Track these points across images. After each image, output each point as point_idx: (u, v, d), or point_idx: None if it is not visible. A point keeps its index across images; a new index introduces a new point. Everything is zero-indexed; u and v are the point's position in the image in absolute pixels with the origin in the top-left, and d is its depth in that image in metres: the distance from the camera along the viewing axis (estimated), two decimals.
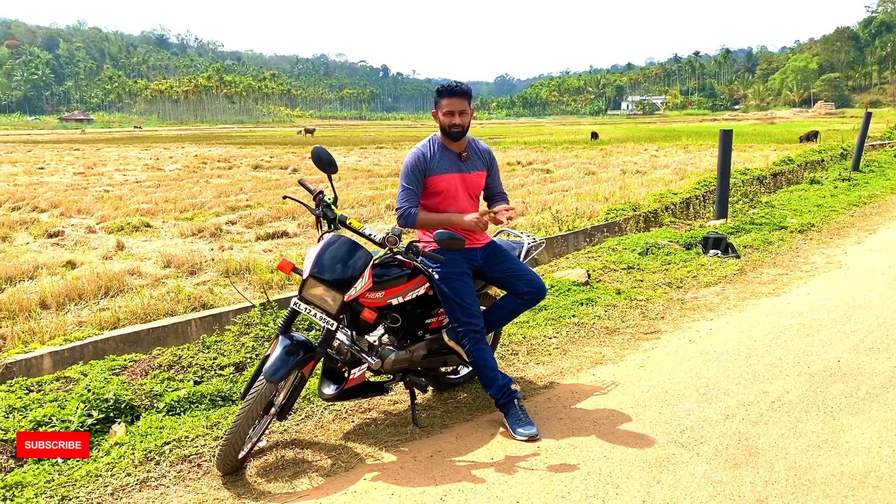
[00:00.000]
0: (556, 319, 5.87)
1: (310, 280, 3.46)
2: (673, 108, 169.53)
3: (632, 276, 7.44)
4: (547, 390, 4.46)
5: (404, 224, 3.98)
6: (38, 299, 7.49)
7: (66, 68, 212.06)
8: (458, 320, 3.91)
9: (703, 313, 6.11)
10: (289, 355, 3.36)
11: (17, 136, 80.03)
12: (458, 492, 3.24)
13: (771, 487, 3.18)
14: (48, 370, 5.05)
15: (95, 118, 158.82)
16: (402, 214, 3.96)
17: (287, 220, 13.45)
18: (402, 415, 4.14)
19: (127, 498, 3.26)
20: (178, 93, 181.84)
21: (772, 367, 4.70)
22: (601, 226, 10.35)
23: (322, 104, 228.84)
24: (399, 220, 3.99)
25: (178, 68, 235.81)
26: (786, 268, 7.74)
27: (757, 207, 11.98)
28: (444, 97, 3.94)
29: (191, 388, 4.41)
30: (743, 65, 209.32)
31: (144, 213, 14.37)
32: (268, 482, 3.39)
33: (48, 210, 14.99)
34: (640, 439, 3.72)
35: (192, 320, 6.05)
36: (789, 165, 17.53)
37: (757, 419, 3.91)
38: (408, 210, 3.95)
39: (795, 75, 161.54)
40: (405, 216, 3.95)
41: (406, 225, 3.98)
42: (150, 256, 10.15)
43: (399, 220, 3.99)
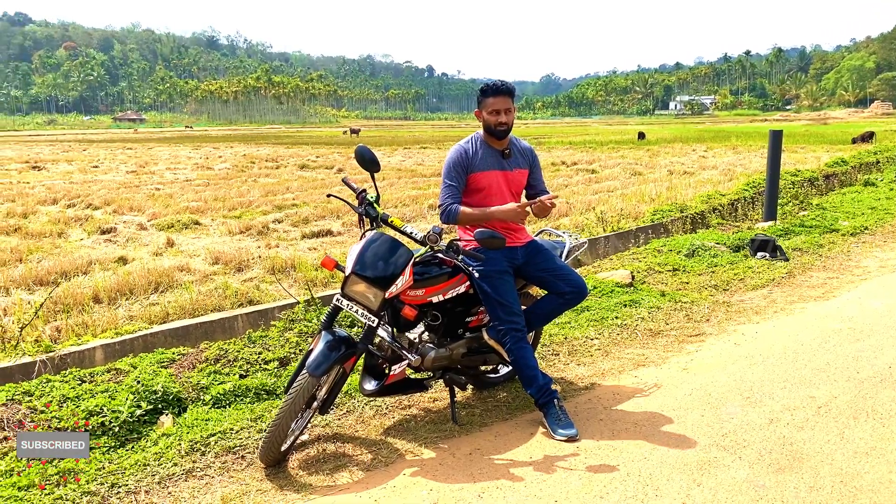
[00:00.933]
0: (598, 321, 5.84)
1: (352, 277, 3.51)
2: (722, 108, 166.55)
3: (677, 278, 7.34)
4: (587, 391, 4.44)
5: (446, 220, 4.01)
6: (90, 294, 7.70)
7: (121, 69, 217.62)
8: (499, 319, 3.92)
9: (749, 316, 6.00)
10: (331, 350, 3.41)
11: (73, 135, 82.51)
12: (496, 489, 3.25)
13: (815, 494, 3.12)
14: (100, 362, 5.19)
15: (147, 118, 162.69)
16: (445, 210, 3.99)
17: (332, 218, 13.59)
18: (441, 412, 4.17)
19: (173, 487, 3.35)
20: (227, 93, 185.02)
21: (819, 372, 4.60)
22: (646, 227, 10.22)
23: (367, 105, 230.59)
24: (441, 216, 4.03)
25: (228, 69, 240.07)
26: (836, 271, 7.56)
27: (807, 209, 11.71)
28: (489, 96, 3.97)
29: (236, 381, 4.50)
30: (795, 64, 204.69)
31: (194, 210, 14.66)
32: (309, 475, 3.44)
33: (101, 207, 15.39)
34: (681, 442, 3.68)
35: (238, 315, 6.14)
36: (843, 167, 17.08)
37: (802, 424, 3.83)
38: (450, 206, 3.98)
39: (851, 74, 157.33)
40: (447, 212, 3.98)
41: (448, 221, 4.01)
42: (199, 253, 10.35)
43: (441, 216, 4.03)
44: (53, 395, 4.21)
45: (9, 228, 12.49)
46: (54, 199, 16.79)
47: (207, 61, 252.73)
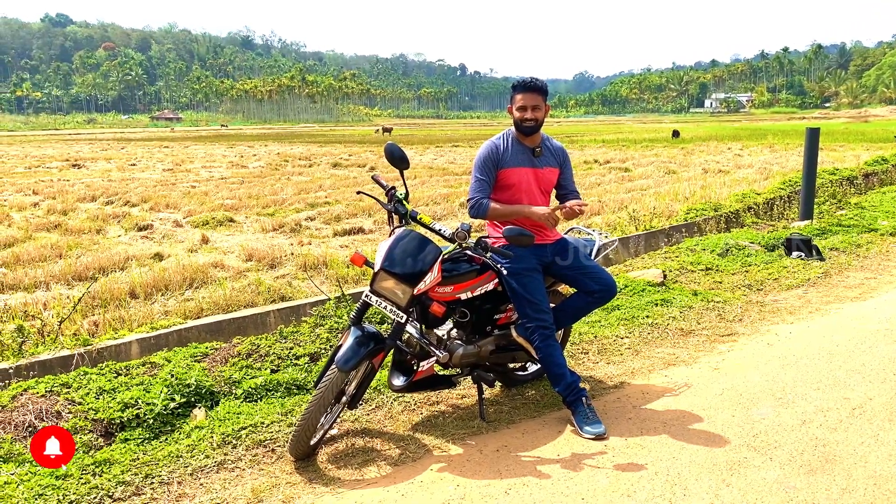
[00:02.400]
0: (629, 319, 5.80)
1: (381, 273, 3.53)
2: (759, 105, 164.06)
3: (710, 278, 7.26)
4: (617, 390, 4.42)
5: (475, 214, 4.01)
6: (127, 289, 7.84)
7: (158, 69, 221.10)
8: (528, 316, 3.92)
9: (783, 317, 5.92)
10: (360, 346, 3.44)
11: (111, 133, 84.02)
12: (523, 486, 3.25)
13: (848, 496, 3.07)
14: (136, 355, 5.29)
15: (184, 117, 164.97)
16: (474, 205, 3.99)
17: (363, 216, 13.67)
18: (469, 409, 4.18)
19: (205, 478, 3.41)
20: (262, 92, 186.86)
21: (854, 373, 4.52)
22: (680, 226, 10.11)
23: (400, 103, 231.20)
24: (470, 211, 4.03)
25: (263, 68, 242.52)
26: (874, 272, 7.42)
27: (845, 209, 11.50)
28: (518, 92, 3.97)
29: (268, 376, 4.56)
30: (835, 61, 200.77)
31: (228, 208, 14.85)
32: (338, 469, 3.48)
33: (139, 204, 15.66)
34: (710, 441, 3.65)
35: (270, 311, 6.21)
36: (883, 165, 16.70)
37: (836, 426, 3.77)
38: (479, 200, 3.98)
39: (893, 71, 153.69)
40: (476, 206, 3.98)
41: (477, 215, 4.01)
42: (233, 250, 10.49)
43: (470, 211, 4.03)
44: (90, 387, 4.31)
45: (49, 225, 12.77)
46: (93, 197, 17.15)
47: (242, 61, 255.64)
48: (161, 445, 3.77)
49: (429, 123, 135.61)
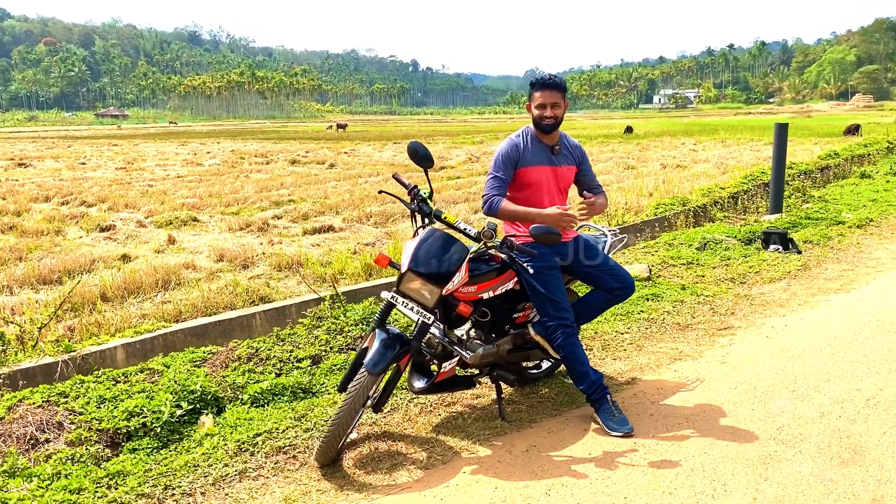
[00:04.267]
0: (624, 315, 5.81)
1: (408, 274, 3.45)
2: (706, 101, 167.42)
3: (692, 272, 7.34)
4: (630, 386, 4.42)
5: (488, 211, 3.96)
6: (98, 292, 7.59)
7: (102, 65, 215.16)
8: (549, 315, 3.88)
9: (773, 309, 6.00)
10: (387, 349, 3.36)
11: (55, 131, 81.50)
12: (562, 486, 3.21)
13: (885, 486, 3.11)
14: (121, 361, 5.12)
15: (130, 114, 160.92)
16: (487, 202, 3.95)
17: (331, 214, 13.50)
18: (486, 409, 4.12)
19: (228, 488, 3.29)
20: (211, 88, 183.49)
21: (858, 365, 4.60)
22: (651, 220, 10.21)
23: (352, 99, 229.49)
24: (483, 207, 3.98)
25: (211, 64, 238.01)
26: (851, 263, 7.59)
27: (810, 202, 11.78)
28: (537, 89, 3.93)
29: (272, 380, 4.44)
30: (778, 57, 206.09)
31: (191, 207, 14.51)
32: (367, 474, 3.39)
33: (96, 204, 15.19)
34: (737, 436, 3.66)
35: (256, 314, 6.07)
36: (835, 159, 17.17)
37: (855, 417, 3.83)
38: (491, 198, 3.93)
39: (832, 68, 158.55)
40: (489, 203, 3.94)
41: (489, 213, 3.96)
42: (202, 250, 10.24)
43: (483, 207, 3.98)
44: (90, 396, 4.14)
45: (3, 226, 12.29)
46: (46, 197, 16.57)
47: (190, 57, 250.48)
48: (173, 455, 3.63)
49: (382, 120, 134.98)
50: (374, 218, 12.84)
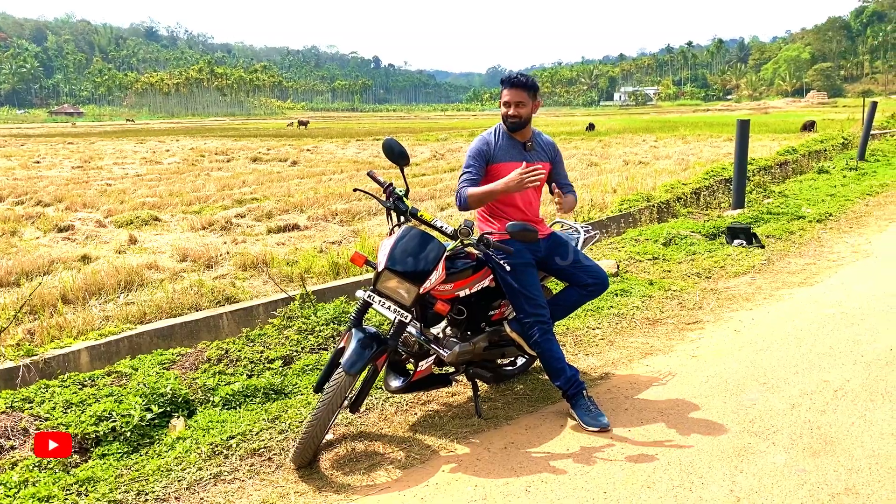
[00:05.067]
0: (595, 310, 5.85)
1: (385, 272, 3.42)
2: (666, 98, 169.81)
3: (659, 267, 7.42)
4: (604, 381, 4.45)
5: (460, 205, 3.96)
6: (59, 294, 7.40)
7: (56, 61, 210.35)
8: (525, 311, 3.88)
9: (740, 303, 6.10)
10: (364, 348, 3.32)
11: (6, 129, 79.36)
12: (542, 483, 3.21)
13: (856, 476, 3.17)
14: (86, 365, 5.00)
15: (85, 111, 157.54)
16: (457, 198, 3.95)
17: (295, 212, 13.37)
18: (462, 406, 4.11)
19: (203, 492, 3.22)
20: (168, 85, 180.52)
21: (825, 357, 4.69)
22: (616, 217, 10.32)
23: (314, 96, 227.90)
24: (456, 203, 3.97)
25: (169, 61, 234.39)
26: (812, 257, 7.75)
27: (771, 197, 12.00)
28: (504, 87, 3.94)
29: (244, 381, 4.37)
30: (735, 55, 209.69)
31: (151, 206, 14.23)
32: (345, 475, 3.35)
33: (53, 204, 14.82)
34: (711, 429, 3.71)
35: (223, 314, 5.98)
36: (793, 155, 17.53)
37: (824, 408, 3.90)
38: (459, 192, 3.93)
39: (788, 65, 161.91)
40: (458, 198, 3.94)
41: (461, 206, 3.94)
42: (165, 250, 10.06)
43: (456, 203, 3.97)
44: (56, 400, 4.03)
45: None
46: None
47: (147, 53, 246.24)
48: (145, 459, 3.54)
49: (344, 116, 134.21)
50: (340, 216, 12.74)
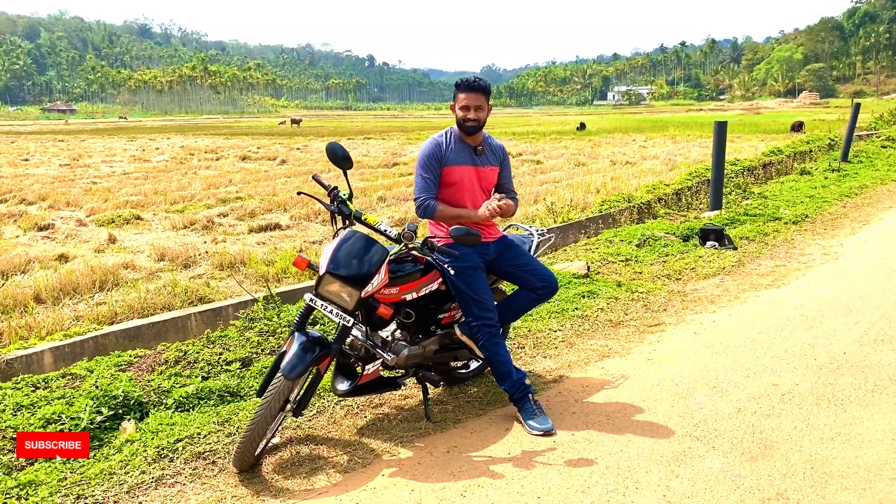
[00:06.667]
0: (559, 312, 5.87)
1: (326, 276, 3.43)
2: (659, 98, 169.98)
3: (630, 269, 7.45)
4: (557, 384, 4.47)
5: (423, 215, 3.97)
6: (32, 293, 7.39)
7: (48, 58, 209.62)
8: (473, 315, 3.90)
9: (704, 305, 6.13)
10: (305, 352, 3.33)
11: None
12: (478, 487, 3.23)
13: (789, 481, 3.20)
14: (49, 366, 4.99)
15: (78, 108, 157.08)
16: (421, 205, 3.95)
17: (279, 212, 13.36)
18: (413, 410, 4.13)
19: (143, 496, 3.23)
20: (162, 83, 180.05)
21: (779, 360, 4.72)
22: (596, 217, 10.33)
23: (308, 94, 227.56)
24: (418, 211, 3.98)
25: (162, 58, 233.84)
26: (783, 259, 7.78)
27: (750, 198, 12.04)
28: (462, 91, 3.94)
29: (199, 383, 4.37)
30: (728, 55, 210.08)
31: (134, 205, 14.21)
32: (285, 479, 3.37)
33: (36, 202, 14.78)
34: (654, 433, 3.73)
35: (192, 315, 5.96)
36: (778, 156, 17.57)
37: (769, 412, 3.93)
38: (426, 201, 3.94)
39: (780, 66, 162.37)
40: (424, 207, 3.95)
41: (424, 216, 3.97)
42: (144, 249, 10.04)
43: (418, 211, 3.98)
44: (6, 403, 4.03)
45: None
46: None
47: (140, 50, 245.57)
48: (90, 463, 3.54)
49: (338, 115, 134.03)
50: (323, 216, 12.74)
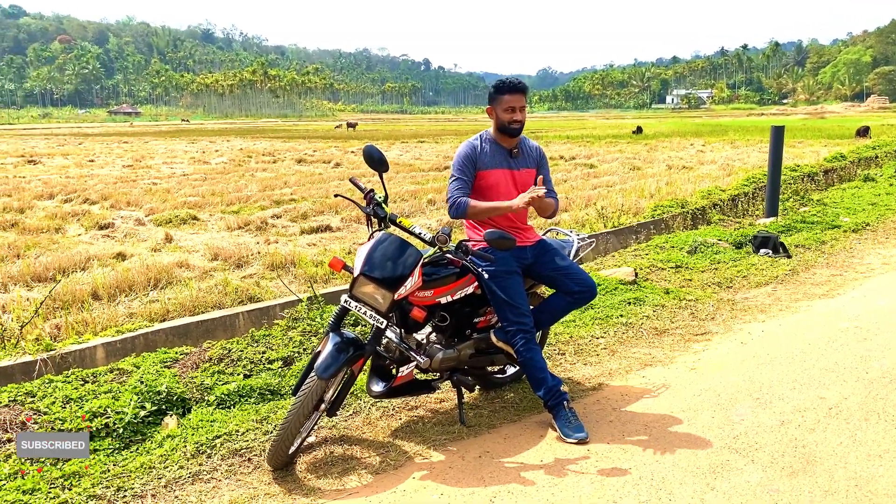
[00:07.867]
0: (603, 319, 5.80)
1: (360, 278, 3.46)
2: (719, 102, 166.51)
3: (680, 276, 7.31)
4: (595, 392, 4.41)
5: (455, 214, 3.96)
6: (90, 290, 7.63)
7: (116, 62, 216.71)
8: (508, 319, 3.88)
9: (754, 315, 5.97)
10: (339, 353, 3.36)
11: (68, 128, 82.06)
12: (508, 493, 3.21)
13: (831, 498, 3.09)
14: (101, 361, 5.14)
15: (143, 111, 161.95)
16: (453, 204, 3.94)
17: (330, 214, 13.52)
18: (448, 413, 4.12)
19: (180, 490, 3.30)
20: (223, 87, 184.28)
21: (828, 372, 4.57)
22: (647, 223, 10.17)
23: (364, 98, 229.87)
24: (450, 210, 3.97)
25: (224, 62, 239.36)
26: (840, 268, 7.53)
27: (808, 205, 11.69)
28: (504, 93, 3.93)
29: (240, 381, 4.45)
30: (792, 58, 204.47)
31: (192, 205, 14.57)
32: (317, 478, 3.40)
33: (98, 202, 15.27)
34: (692, 444, 3.65)
35: (239, 313, 6.08)
36: (841, 162, 17.03)
37: (814, 426, 3.80)
38: (457, 199, 3.93)
39: (847, 69, 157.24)
40: (456, 206, 3.93)
41: (457, 215, 3.95)
42: (198, 249, 10.28)
43: (450, 210, 3.97)
44: (56, 395, 4.16)
45: (5, 224, 12.38)
46: (51, 194, 16.70)
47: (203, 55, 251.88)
48: (132, 456, 3.64)
49: (393, 118, 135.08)
50: None
